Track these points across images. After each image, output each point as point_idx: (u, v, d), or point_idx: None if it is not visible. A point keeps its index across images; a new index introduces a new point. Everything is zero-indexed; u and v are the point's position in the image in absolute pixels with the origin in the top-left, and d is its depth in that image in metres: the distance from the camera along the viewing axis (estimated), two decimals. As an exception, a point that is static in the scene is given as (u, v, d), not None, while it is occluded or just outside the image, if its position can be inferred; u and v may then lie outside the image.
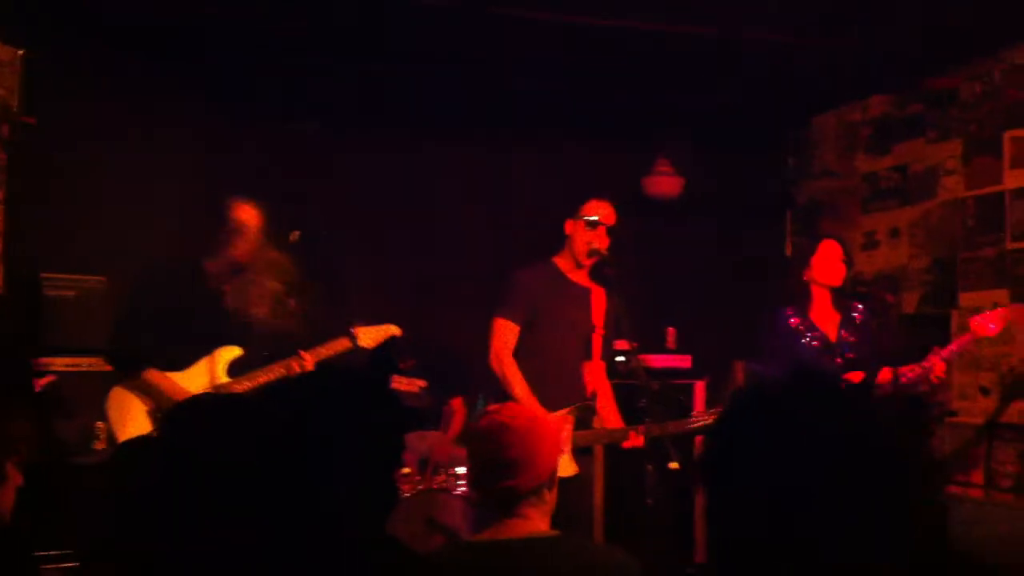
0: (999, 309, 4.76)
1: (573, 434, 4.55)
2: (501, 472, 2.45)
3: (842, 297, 4.98)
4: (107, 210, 5.54)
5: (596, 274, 4.84)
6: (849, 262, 5.00)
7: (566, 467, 4.51)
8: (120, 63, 5.60)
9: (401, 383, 5.48)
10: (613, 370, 5.47)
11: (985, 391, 5.67)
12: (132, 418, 4.13)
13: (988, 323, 4.65)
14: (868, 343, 4.93)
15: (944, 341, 5.88)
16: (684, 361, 6.46)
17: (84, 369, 4.91)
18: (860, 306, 5.02)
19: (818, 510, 1.38)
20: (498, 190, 6.78)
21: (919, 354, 4.85)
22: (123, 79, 5.64)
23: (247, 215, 4.24)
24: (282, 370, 4.20)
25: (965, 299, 5.90)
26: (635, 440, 4.52)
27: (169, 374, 4.20)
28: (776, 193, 7.53)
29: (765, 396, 1.52)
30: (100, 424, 4.90)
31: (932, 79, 6.25)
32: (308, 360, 4.21)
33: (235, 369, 4.27)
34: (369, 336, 4.44)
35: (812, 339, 4.90)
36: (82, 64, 5.50)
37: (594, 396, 4.78)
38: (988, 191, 5.79)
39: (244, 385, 4.20)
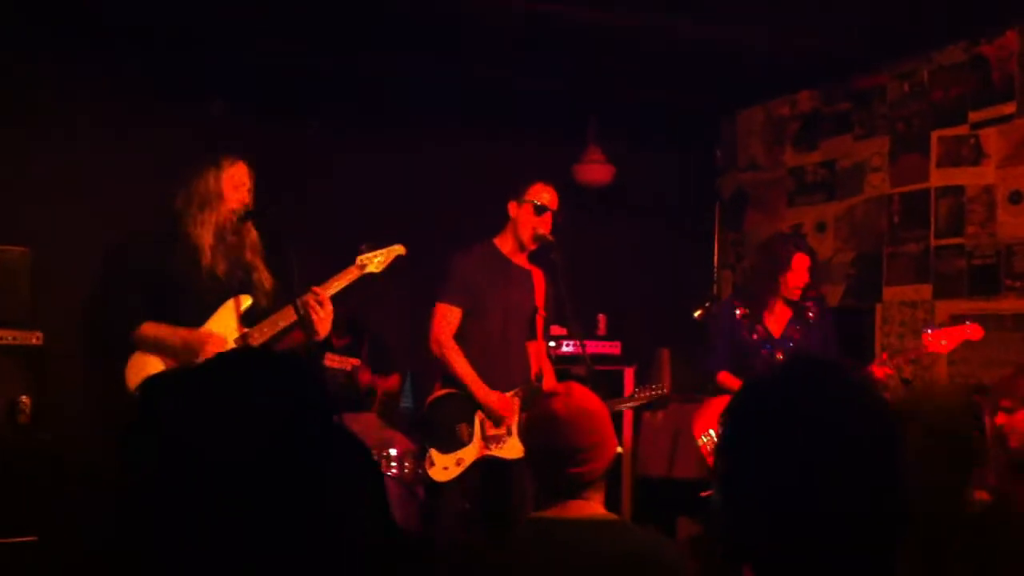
0: (956, 327, 4.71)
1: (521, 415, 4.58)
2: (568, 461, 2.44)
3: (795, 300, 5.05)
4: (31, 180, 5.39)
5: (541, 258, 4.85)
6: (814, 270, 5.06)
7: (514, 449, 4.57)
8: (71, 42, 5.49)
9: (334, 361, 5.42)
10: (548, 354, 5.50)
11: (907, 382, 5.82)
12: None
13: (941, 339, 4.66)
14: (817, 340, 4.99)
15: (868, 334, 6.07)
16: (614, 347, 6.51)
17: (8, 343, 4.73)
18: (814, 305, 5.06)
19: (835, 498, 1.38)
20: (425, 174, 6.72)
21: (844, 348, 5.03)
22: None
23: (240, 171, 4.06)
24: (299, 310, 3.95)
25: (888, 293, 6.07)
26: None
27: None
28: (704, 184, 7.62)
29: (770, 390, 1.51)
30: (24, 398, 4.74)
31: (860, 77, 6.39)
32: (322, 294, 3.95)
33: (250, 318, 4.04)
34: (377, 261, 4.22)
35: (753, 332, 5.02)
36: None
37: (540, 376, 4.81)
38: (914, 188, 5.95)
39: (266, 332, 3.97)
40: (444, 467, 4.58)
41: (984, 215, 5.55)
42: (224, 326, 4.02)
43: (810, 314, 5.05)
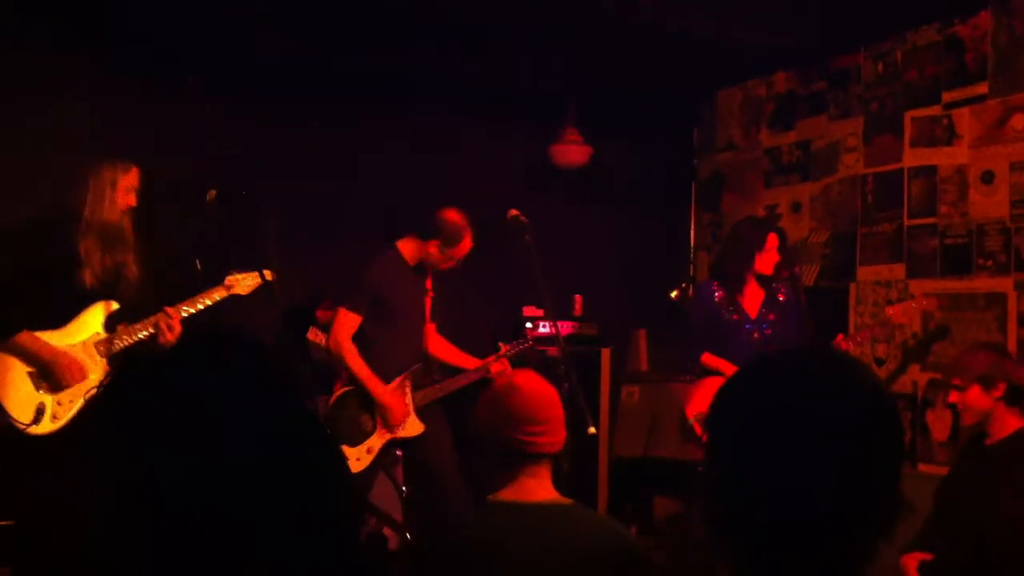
0: (915, 300, 5.25)
1: (413, 395, 4.99)
2: (525, 427, 2.50)
3: (768, 278, 5.25)
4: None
5: (514, 239, 4.88)
6: (783, 249, 5.28)
7: (415, 426, 4.97)
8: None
9: (317, 335, 5.47)
10: (523, 334, 5.54)
11: (879, 362, 5.88)
12: (11, 381, 3.96)
13: (902, 311, 5.13)
14: (791, 321, 5.15)
15: (842, 313, 6.11)
16: (591, 328, 6.53)
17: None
18: (784, 286, 5.25)
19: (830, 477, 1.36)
20: (406, 155, 6.71)
21: (819, 327, 5.12)
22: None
23: (131, 177, 4.16)
24: (151, 328, 4.17)
25: (863, 272, 6.10)
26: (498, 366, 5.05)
27: (44, 333, 4.06)
28: (681, 165, 7.64)
29: (761, 372, 1.49)
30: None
31: (835, 57, 6.41)
32: (174, 316, 4.16)
33: (112, 324, 4.18)
34: (243, 283, 4.38)
35: (732, 312, 5.16)
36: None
37: (424, 358, 5.11)
38: (888, 168, 5.98)
39: (125, 340, 4.14)
40: (356, 458, 4.82)
41: (956, 195, 5.58)
42: (87, 330, 4.15)
43: (781, 296, 5.25)
